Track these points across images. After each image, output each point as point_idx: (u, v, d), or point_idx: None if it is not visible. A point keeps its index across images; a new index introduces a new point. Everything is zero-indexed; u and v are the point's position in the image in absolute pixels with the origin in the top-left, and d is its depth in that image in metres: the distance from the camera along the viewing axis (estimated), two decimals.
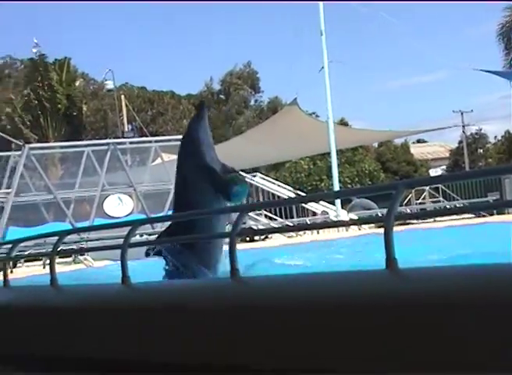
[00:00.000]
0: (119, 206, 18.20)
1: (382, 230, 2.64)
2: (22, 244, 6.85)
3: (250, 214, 14.23)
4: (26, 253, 10.98)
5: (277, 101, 47.68)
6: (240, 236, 3.40)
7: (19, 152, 18.20)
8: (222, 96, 49.74)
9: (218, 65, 79.40)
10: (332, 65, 20.47)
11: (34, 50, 43.44)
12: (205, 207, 6.65)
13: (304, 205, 18.25)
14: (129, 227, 4.26)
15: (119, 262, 3.97)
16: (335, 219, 17.70)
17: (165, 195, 16.75)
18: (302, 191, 24.84)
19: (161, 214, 14.55)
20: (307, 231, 15.32)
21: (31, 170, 18.25)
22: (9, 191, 17.03)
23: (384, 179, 41.04)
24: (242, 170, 21.72)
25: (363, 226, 14.57)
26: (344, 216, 18.10)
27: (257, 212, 17.72)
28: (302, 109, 27.44)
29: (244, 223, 4.48)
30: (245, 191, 7.08)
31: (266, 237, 14.87)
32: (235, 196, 6.82)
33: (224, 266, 6.91)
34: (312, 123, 27.39)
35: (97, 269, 11.49)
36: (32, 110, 43.18)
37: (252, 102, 50.51)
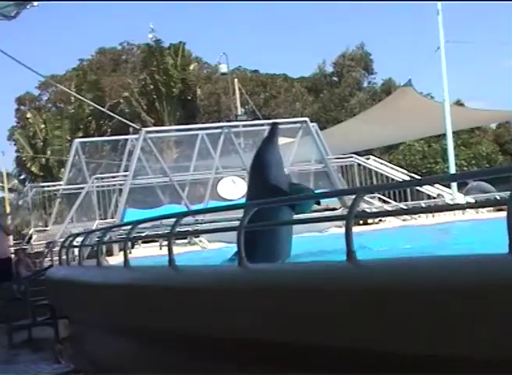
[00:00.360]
0: (233, 189, 18.37)
1: (500, 214, 2.55)
2: (140, 226, 7.03)
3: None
4: (144, 234, 11.22)
5: (391, 82, 46.92)
6: (355, 219, 3.38)
7: (137, 136, 18.64)
8: (334, 78, 49.34)
9: (330, 47, 78.79)
10: (449, 44, 19.93)
11: (150, 35, 44.41)
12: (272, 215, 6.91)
13: (418, 188, 17.92)
14: (243, 210, 4.29)
15: (233, 244, 4.01)
16: (451, 202, 17.34)
17: None
18: (416, 174, 24.41)
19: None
20: (422, 214, 15.04)
21: (148, 153, 18.67)
22: (127, 173, 17.48)
23: (502, 161, 39.82)
24: (355, 153, 21.54)
25: (480, 209, 14.18)
26: (460, 199, 17.70)
27: (371, 195, 17.53)
28: (416, 90, 26.92)
29: (358, 206, 4.45)
30: (309, 202, 7.69)
31: (380, 220, 14.71)
32: (299, 207, 7.47)
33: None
34: (427, 104, 26.84)
35: (212, 251, 11.68)
36: (148, 94, 44.15)
37: (365, 84, 49.86)
